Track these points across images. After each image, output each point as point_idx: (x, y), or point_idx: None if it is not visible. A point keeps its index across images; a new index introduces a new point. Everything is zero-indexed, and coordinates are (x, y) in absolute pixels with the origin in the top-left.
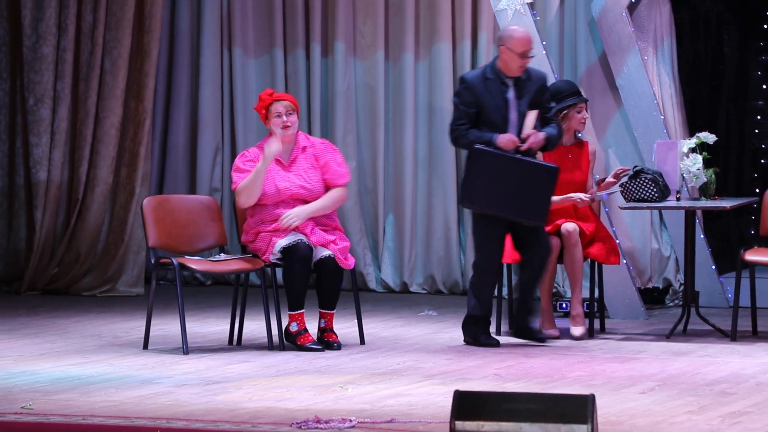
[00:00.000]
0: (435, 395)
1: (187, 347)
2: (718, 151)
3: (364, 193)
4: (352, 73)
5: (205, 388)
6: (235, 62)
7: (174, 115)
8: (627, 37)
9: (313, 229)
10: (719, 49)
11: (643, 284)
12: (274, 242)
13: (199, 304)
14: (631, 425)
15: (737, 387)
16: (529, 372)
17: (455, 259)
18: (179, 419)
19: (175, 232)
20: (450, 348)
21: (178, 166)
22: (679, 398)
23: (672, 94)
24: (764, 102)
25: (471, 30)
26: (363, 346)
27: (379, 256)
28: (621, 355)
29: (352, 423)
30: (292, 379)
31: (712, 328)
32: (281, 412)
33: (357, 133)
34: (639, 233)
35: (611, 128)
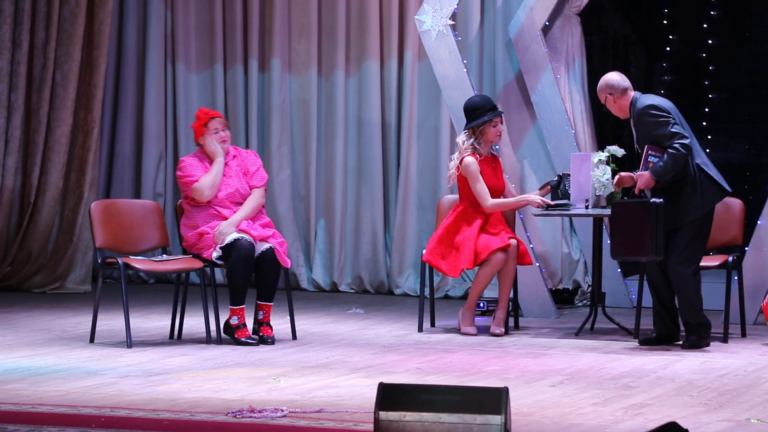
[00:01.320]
0: (361, 387)
1: (131, 341)
2: (623, 162)
3: (297, 199)
4: (287, 87)
5: (147, 379)
6: (178, 76)
7: (121, 125)
8: (541, 57)
9: (251, 225)
10: (626, 69)
11: (554, 285)
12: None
13: (143, 301)
14: (542, 416)
15: (639, 381)
16: (448, 366)
17: (381, 260)
18: (122, 408)
19: (120, 233)
20: (375, 343)
21: (124, 172)
22: (586, 391)
23: (582, 109)
24: None
25: (398, 49)
26: (295, 341)
27: (311, 258)
28: (533, 351)
29: (283, 413)
30: (228, 372)
31: (617, 327)
32: (218, 402)
33: (291, 144)
34: (550, 238)
35: (526, 141)
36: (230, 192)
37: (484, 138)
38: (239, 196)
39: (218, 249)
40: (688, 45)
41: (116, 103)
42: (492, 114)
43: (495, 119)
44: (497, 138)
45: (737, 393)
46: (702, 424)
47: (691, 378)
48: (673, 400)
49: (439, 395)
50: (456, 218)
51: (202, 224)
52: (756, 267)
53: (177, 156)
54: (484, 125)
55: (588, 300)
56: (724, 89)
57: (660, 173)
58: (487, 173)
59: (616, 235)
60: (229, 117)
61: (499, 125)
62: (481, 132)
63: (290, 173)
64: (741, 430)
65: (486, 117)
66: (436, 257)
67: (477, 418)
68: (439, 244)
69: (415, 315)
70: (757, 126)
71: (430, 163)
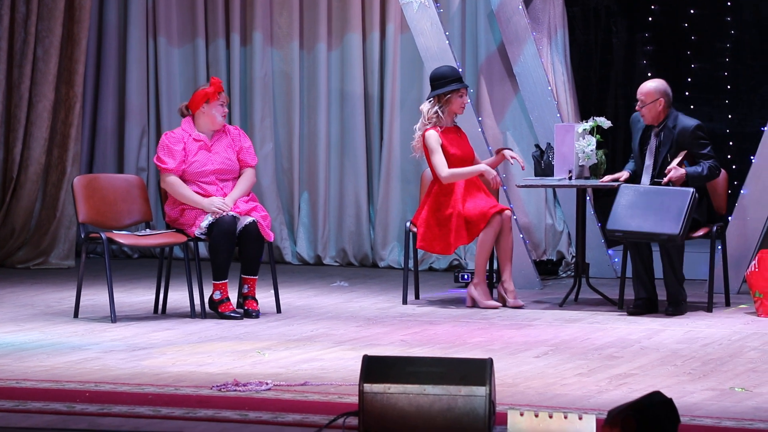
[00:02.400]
0: (345, 360)
1: (115, 316)
2: (607, 134)
3: (281, 172)
4: (269, 61)
5: (132, 353)
6: (160, 51)
7: (103, 100)
8: (523, 28)
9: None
10: (608, 40)
11: (538, 257)
12: (200, 218)
13: (126, 275)
14: (526, 387)
15: (623, 351)
16: (432, 338)
17: (365, 233)
18: (107, 383)
19: (103, 208)
20: (360, 316)
21: (106, 147)
22: (570, 362)
23: (565, 81)
24: None
25: (380, 22)
26: (279, 314)
27: (295, 231)
28: (517, 323)
29: (268, 386)
30: (212, 346)
31: (601, 297)
32: (202, 376)
33: (274, 117)
34: (534, 209)
35: (509, 112)
36: (216, 168)
37: (448, 108)
38: (227, 169)
39: (201, 226)
40: (670, 15)
41: (98, 77)
42: (459, 84)
43: (461, 90)
44: (461, 109)
45: (721, 362)
46: (686, 393)
47: (675, 347)
48: (657, 369)
49: (424, 367)
50: (435, 195)
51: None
52: (740, 236)
53: (159, 130)
54: (451, 95)
55: (572, 271)
56: (707, 59)
57: (694, 177)
58: (455, 143)
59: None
60: None
61: (465, 97)
62: (447, 101)
63: (273, 147)
64: (725, 398)
65: (453, 86)
66: (429, 242)
67: (461, 390)
68: (428, 228)
69: (399, 287)
70: (740, 95)
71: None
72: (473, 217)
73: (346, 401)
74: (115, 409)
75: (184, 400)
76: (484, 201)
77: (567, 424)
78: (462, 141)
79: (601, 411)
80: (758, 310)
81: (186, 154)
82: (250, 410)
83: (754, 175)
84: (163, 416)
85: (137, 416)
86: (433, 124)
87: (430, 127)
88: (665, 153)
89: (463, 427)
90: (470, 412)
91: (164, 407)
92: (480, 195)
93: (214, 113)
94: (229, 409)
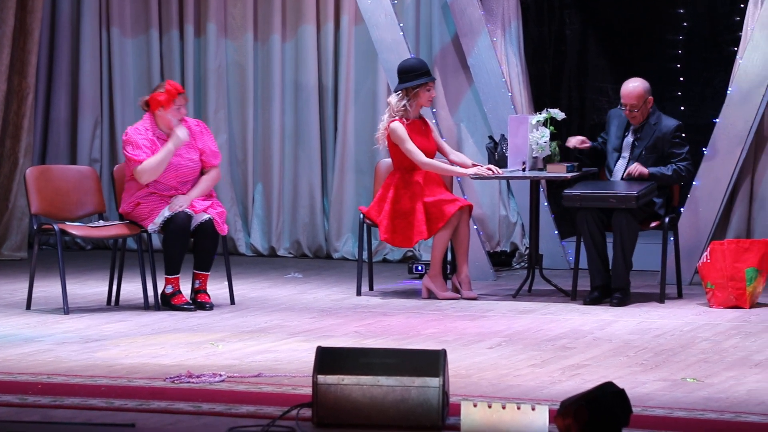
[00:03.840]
0: (299, 351)
1: (68, 307)
2: (560, 125)
3: (235, 164)
4: (223, 52)
5: (85, 345)
6: (113, 42)
7: (55, 91)
8: (477, 20)
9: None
10: (562, 32)
11: (492, 248)
12: (156, 213)
13: (80, 267)
14: (480, 377)
15: (576, 342)
16: (386, 329)
17: (319, 225)
18: (59, 375)
19: (56, 199)
20: (314, 307)
21: (59, 138)
22: (524, 353)
23: (519, 72)
24: (602, 80)
25: (334, 13)
26: (233, 306)
27: (249, 223)
28: (471, 314)
29: (221, 377)
30: (166, 337)
31: (554, 288)
32: (156, 367)
33: (228, 109)
34: (488, 201)
35: (463, 104)
36: (180, 173)
37: (416, 101)
38: (187, 175)
39: (156, 222)
40: (623, 7)
41: (51, 68)
42: (427, 78)
43: (430, 84)
44: (429, 103)
45: (673, 353)
46: (638, 383)
47: (628, 338)
48: (609, 360)
49: (378, 358)
50: (395, 187)
51: (140, 198)
52: (692, 227)
53: (113, 121)
54: (419, 88)
55: (525, 262)
56: (659, 50)
57: (657, 176)
58: (418, 136)
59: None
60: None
61: (432, 90)
62: (415, 95)
63: (227, 138)
64: (677, 389)
65: (422, 80)
66: (391, 235)
67: (415, 381)
68: (391, 221)
69: (353, 279)
70: (692, 87)
71: (367, 126)
72: (433, 214)
73: (299, 393)
74: (68, 401)
75: (137, 392)
76: (444, 197)
77: (520, 415)
78: (426, 133)
79: (554, 402)
80: (710, 301)
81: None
82: (204, 402)
83: (706, 167)
84: (116, 408)
85: (90, 408)
86: (399, 116)
87: (396, 119)
88: (642, 149)
89: (417, 418)
90: (424, 403)
91: (117, 399)
92: (440, 190)
93: (170, 118)
94: (183, 400)
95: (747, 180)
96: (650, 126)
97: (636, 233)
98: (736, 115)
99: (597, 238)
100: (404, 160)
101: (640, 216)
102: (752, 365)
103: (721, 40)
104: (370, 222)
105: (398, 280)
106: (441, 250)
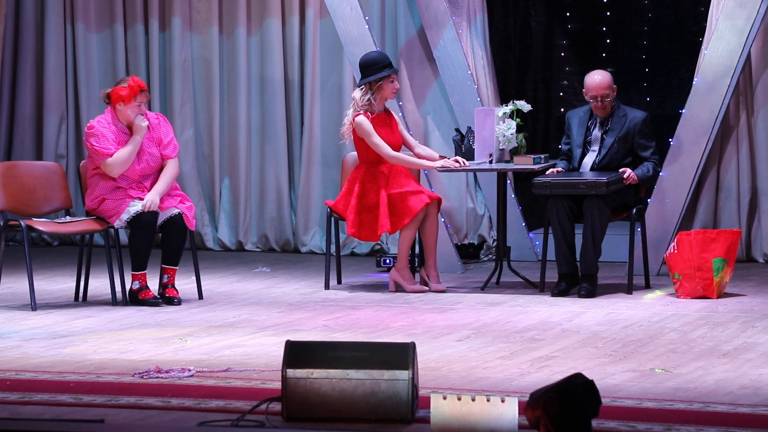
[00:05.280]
0: (268, 345)
1: (35, 304)
2: (527, 117)
3: (201, 158)
4: (188, 46)
5: (53, 341)
6: (78, 36)
7: (20, 86)
8: (442, 12)
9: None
10: (527, 24)
11: (460, 240)
12: (121, 209)
13: (47, 263)
14: (449, 370)
15: (545, 334)
16: (355, 323)
17: (287, 219)
18: (27, 371)
19: (22, 196)
20: (282, 301)
21: (25, 134)
22: (493, 345)
23: (484, 65)
24: (568, 72)
25: (299, 6)
26: (201, 300)
27: (216, 217)
28: (440, 306)
29: (191, 372)
30: (134, 333)
31: (522, 280)
32: (124, 363)
33: (194, 103)
34: (455, 193)
35: (429, 96)
36: (142, 167)
37: (380, 94)
38: (149, 169)
39: (122, 218)
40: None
41: (15, 64)
42: (390, 70)
43: (392, 75)
44: (393, 95)
45: (641, 344)
46: (607, 374)
47: (596, 329)
48: (578, 351)
49: (347, 352)
50: (361, 181)
51: (104, 193)
52: (659, 218)
53: (78, 117)
54: (382, 81)
55: (493, 254)
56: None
57: (645, 180)
58: (383, 130)
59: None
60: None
61: (396, 82)
62: (379, 88)
63: (193, 132)
64: (645, 379)
65: (384, 72)
66: (357, 229)
67: (384, 374)
68: (357, 215)
69: (321, 272)
70: (658, 78)
71: (333, 120)
72: (399, 208)
73: (269, 387)
74: (36, 397)
75: (105, 387)
76: (410, 189)
77: (489, 407)
78: (391, 126)
79: (523, 393)
80: (677, 292)
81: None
82: (173, 397)
83: (672, 158)
84: (84, 404)
85: (59, 404)
86: (364, 110)
87: (360, 113)
88: (613, 141)
89: (386, 411)
90: (393, 396)
91: (86, 395)
92: (407, 181)
93: (129, 113)
94: (152, 396)
95: (713, 170)
96: (618, 118)
97: (607, 220)
98: (702, 105)
99: (566, 227)
100: (370, 154)
101: (612, 204)
102: (720, 355)
103: (685, 30)
104: (338, 215)
105: (366, 274)
106: (408, 244)
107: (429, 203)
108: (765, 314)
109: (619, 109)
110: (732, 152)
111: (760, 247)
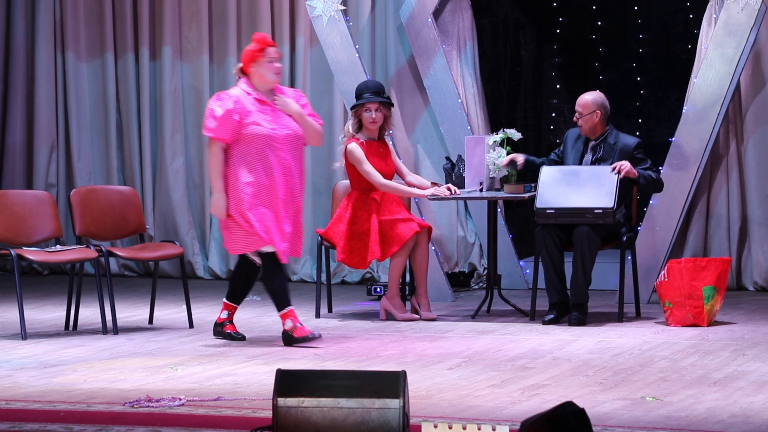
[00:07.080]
0: (259, 374)
1: (26, 333)
2: (517, 145)
3: (192, 187)
4: (179, 75)
5: (43, 371)
6: (68, 66)
7: (11, 115)
8: (433, 40)
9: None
10: (517, 52)
11: (450, 269)
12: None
13: (37, 292)
14: (439, 398)
15: (536, 362)
16: (346, 351)
17: None
18: (18, 401)
19: (13, 224)
20: (273, 330)
21: (15, 162)
22: (483, 373)
23: (474, 93)
24: (558, 100)
25: (289, 35)
26: (192, 329)
27: (207, 246)
28: (430, 335)
29: (181, 401)
30: (124, 362)
31: (513, 309)
32: (115, 392)
33: (185, 132)
34: (446, 221)
35: (420, 125)
36: (287, 133)
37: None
38: (293, 134)
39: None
40: (578, 27)
41: (6, 93)
42: (362, 99)
43: (368, 105)
44: (370, 125)
45: (632, 372)
46: (598, 403)
47: (587, 358)
48: (569, 380)
49: (337, 380)
50: (353, 208)
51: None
52: (649, 246)
53: (69, 146)
54: (358, 108)
55: (484, 283)
56: (615, 70)
57: (645, 177)
58: (375, 158)
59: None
60: (121, 106)
61: (373, 112)
62: (359, 115)
63: (184, 161)
64: (636, 408)
65: (361, 101)
66: (347, 255)
67: (375, 402)
68: (348, 241)
69: (312, 301)
70: (648, 106)
71: (324, 148)
72: (389, 236)
73: (259, 416)
74: (27, 426)
75: (96, 416)
76: (401, 216)
77: None
78: (385, 156)
79: (514, 422)
80: (668, 320)
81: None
82: (164, 426)
83: None
84: None
85: None
86: (352, 136)
87: (351, 140)
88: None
89: None
90: (384, 424)
91: (76, 424)
92: (398, 209)
93: (263, 72)
94: (142, 425)
95: (703, 198)
96: (609, 145)
97: (596, 248)
98: (692, 133)
99: (555, 256)
100: (362, 182)
101: (602, 232)
102: (711, 383)
103: (675, 59)
104: (329, 243)
105: (357, 302)
106: (398, 272)
107: (419, 231)
108: (755, 342)
109: (611, 136)
110: (722, 180)
111: (750, 275)
